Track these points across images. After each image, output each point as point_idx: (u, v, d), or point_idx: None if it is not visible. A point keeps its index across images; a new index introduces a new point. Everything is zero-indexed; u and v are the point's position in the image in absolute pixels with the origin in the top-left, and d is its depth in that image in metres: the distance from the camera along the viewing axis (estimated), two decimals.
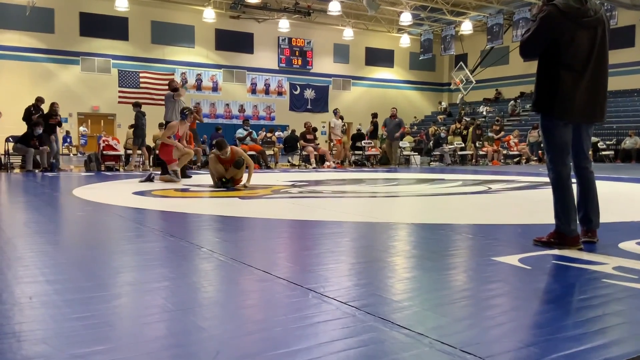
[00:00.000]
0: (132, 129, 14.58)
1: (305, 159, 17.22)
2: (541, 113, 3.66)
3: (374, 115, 19.94)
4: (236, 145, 16.17)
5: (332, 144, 20.96)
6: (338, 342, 1.95)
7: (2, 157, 13.60)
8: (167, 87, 11.59)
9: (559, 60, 3.53)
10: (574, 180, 3.78)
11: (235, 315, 2.30)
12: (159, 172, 10.36)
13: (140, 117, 14.14)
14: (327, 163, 17.00)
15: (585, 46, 3.53)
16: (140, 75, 28.45)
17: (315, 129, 18.10)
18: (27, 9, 24.06)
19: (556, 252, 3.55)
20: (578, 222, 3.72)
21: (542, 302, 2.48)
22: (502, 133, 21.77)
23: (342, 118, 18.87)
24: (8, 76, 25.22)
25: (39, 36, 26.13)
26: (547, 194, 8.12)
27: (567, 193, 3.68)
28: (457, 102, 32.60)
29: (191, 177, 10.80)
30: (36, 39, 26.07)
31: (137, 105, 14.39)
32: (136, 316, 2.29)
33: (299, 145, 17.62)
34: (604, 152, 22.41)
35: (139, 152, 14.99)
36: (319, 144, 17.87)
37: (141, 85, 28.40)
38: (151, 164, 15.64)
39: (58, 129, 14.25)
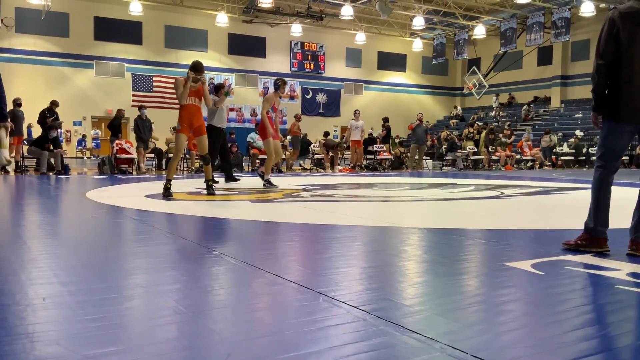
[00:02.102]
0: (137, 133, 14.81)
1: (318, 163, 17.22)
2: (604, 115, 3.64)
3: (385, 120, 19.90)
4: (248, 150, 16.22)
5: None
6: (349, 346, 1.95)
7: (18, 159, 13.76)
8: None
9: (620, 61, 3.53)
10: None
11: (247, 318, 2.31)
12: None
13: (137, 120, 14.47)
14: (338, 167, 17.00)
15: None
16: (154, 79, 28.60)
17: (327, 133, 18.10)
18: (43, 13, 24.32)
19: (570, 257, 3.52)
20: (628, 231, 3.68)
21: (555, 308, 2.46)
22: (513, 137, 21.67)
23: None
24: (23, 80, 25.49)
25: (54, 40, 26.40)
26: (561, 199, 8.08)
27: (603, 195, 3.65)
28: (493, 104, 32.24)
29: (239, 179, 10.63)
30: (51, 43, 26.34)
31: (142, 108, 14.88)
32: (148, 318, 2.30)
33: (310, 150, 17.63)
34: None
35: (151, 155, 15.17)
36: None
37: (154, 89, 28.56)
38: (164, 167, 15.73)
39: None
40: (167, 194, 7.37)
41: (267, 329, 2.17)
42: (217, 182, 10.09)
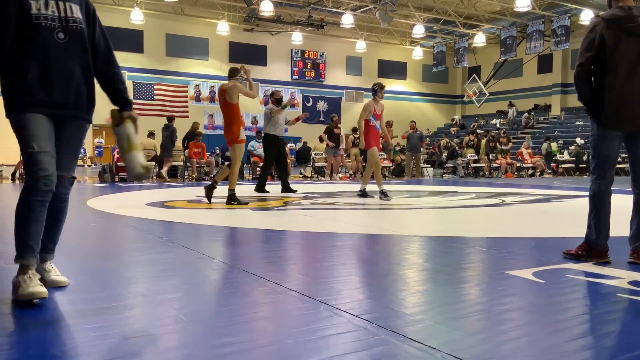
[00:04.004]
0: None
1: (318, 171, 17.21)
2: (592, 120, 3.65)
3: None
4: (248, 158, 16.22)
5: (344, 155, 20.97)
6: (350, 356, 1.94)
7: (19, 168, 13.79)
8: (180, 99, 11.53)
9: (605, 67, 3.54)
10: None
11: (247, 327, 2.30)
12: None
13: (174, 130, 15.04)
14: (339, 175, 16.99)
15: (631, 53, 3.51)
16: (155, 87, 28.71)
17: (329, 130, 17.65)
18: None
19: (571, 265, 3.52)
20: (628, 240, 3.67)
21: (556, 316, 2.46)
22: (510, 145, 21.69)
23: (354, 130, 18.85)
24: None
25: None
26: (561, 207, 8.07)
27: (602, 207, 3.64)
28: (510, 114, 32.12)
29: (296, 191, 10.12)
30: None
31: (170, 119, 15.44)
32: (149, 327, 2.30)
33: (311, 157, 17.62)
34: (619, 165, 22.23)
35: (152, 162, 15.27)
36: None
37: (155, 97, 28.65)
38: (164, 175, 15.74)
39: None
40: (235, 201, 7.57)
41: (268, 338, 2.17)
42: (268, 192, 9.83)
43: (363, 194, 9.04)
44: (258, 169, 15.97)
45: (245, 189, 10.47)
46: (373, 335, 2.14)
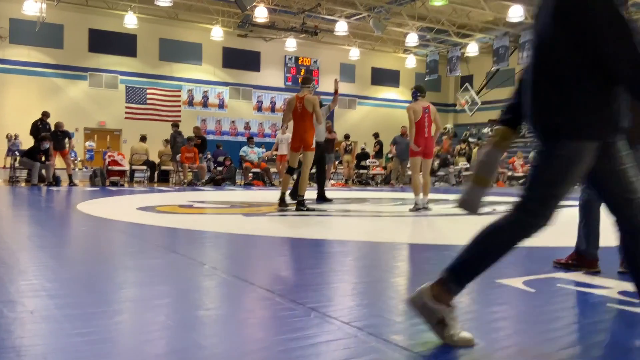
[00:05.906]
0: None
1: (311, 178, 17.18)
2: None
3: (376, 135, 19.99)
4: (241, 163, 16.18)
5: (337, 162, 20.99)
6: None
7: (9, 170, 13.71)
8: (173, 104, 11.51)
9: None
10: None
11: (237, 333, 2.29)
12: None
13: (174, 136, 15.50)
14: (331, 182, 17.00)
15: None
16: (148, 91, 28.65)
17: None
18: (37, 24, 24.31)
19: (561, 275, 3.53)
20: (617, 250, 3.67)
21: (546, 326, 2.46)
22: (505, 154, 21.81)
23: (347, 137, 18.90)
24: (17, 91, 25.43)
25: (48, 51, 26.38)
26: None
27: (591, 216, 3.65)
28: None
29: (332, 200, 9.56)
30: (45, 54, 26.32)
31: (174, 125, 16.07)
32: (137, 333, 2.28)
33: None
34: None
35: (144, 167, 15.24)
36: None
37: (148, 101, 28.59)
38: (156, 179, 15.69)
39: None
40: (305, 207, 7.71)
41: (258, 345, 2.15)
42: (331, 200, 9.35)
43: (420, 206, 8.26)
44: (250, 174, 15.93)
45: (241, 195, 10.44)
46: (363, 343, 2.13)
